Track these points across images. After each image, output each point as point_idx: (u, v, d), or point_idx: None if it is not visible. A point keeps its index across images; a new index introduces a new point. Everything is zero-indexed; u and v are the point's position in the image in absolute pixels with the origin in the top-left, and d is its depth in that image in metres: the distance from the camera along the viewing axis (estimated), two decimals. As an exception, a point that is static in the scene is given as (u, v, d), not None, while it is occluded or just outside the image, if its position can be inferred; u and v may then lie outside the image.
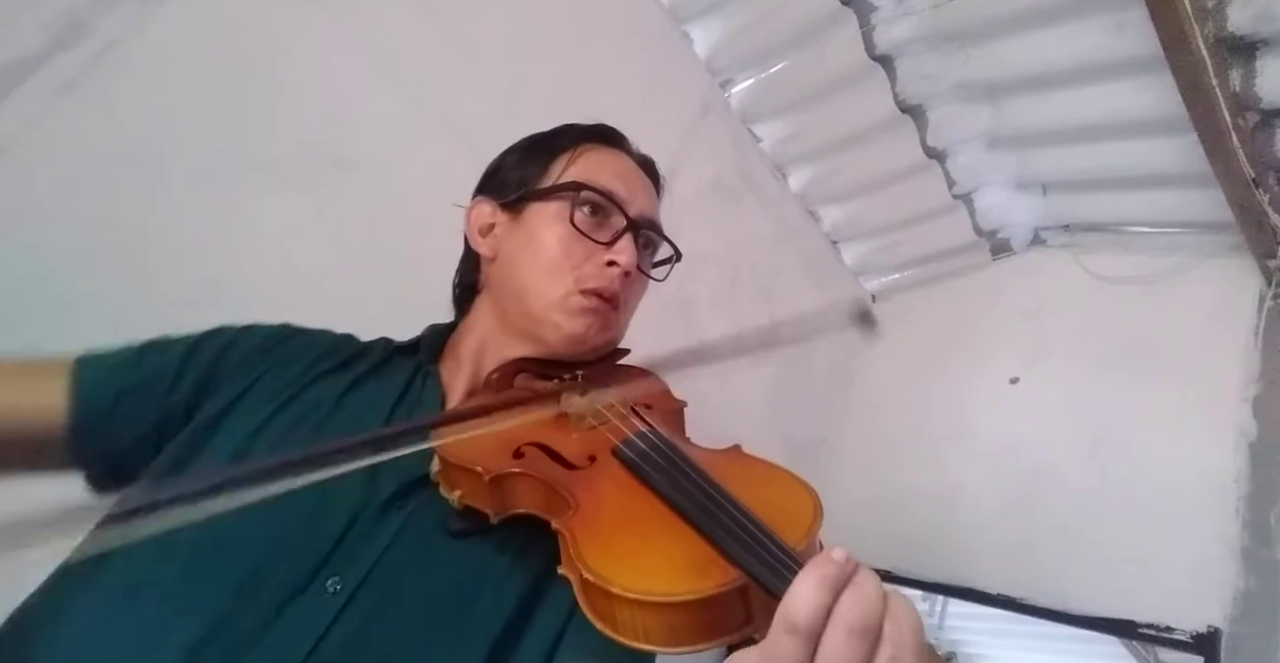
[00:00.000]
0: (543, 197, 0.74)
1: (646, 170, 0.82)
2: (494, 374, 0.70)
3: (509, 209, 0.76)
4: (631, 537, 0.49)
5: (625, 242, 0.72)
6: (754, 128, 2.29)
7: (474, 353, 0.74)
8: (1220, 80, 1.55)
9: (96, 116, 1.09)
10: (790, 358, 2.45)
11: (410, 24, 1.46)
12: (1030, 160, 2.23)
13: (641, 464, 0.55)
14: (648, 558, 0.47)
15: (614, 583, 0.43)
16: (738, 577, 0.43)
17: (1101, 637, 2.16)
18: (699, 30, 2.06)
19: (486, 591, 0.59)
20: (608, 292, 0.71)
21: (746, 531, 0.45)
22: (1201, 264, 2.13)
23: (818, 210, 2.53)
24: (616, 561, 0.45)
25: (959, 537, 2.14)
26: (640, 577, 0.44)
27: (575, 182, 0.73)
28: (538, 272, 0.71)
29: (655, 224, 0.79)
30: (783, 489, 0.54)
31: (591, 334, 0.71)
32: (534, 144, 0.81)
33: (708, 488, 0.50)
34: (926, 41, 1.94)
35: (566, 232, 0.71)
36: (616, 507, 0.52)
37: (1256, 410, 1.88)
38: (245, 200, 1.24)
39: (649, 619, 0.43)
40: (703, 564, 0.44)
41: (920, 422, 2.44)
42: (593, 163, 0.76)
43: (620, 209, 0.73)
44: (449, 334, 0.79)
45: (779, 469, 0.58)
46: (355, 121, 1.38)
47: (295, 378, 0.68)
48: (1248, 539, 1.74)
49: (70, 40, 1.07)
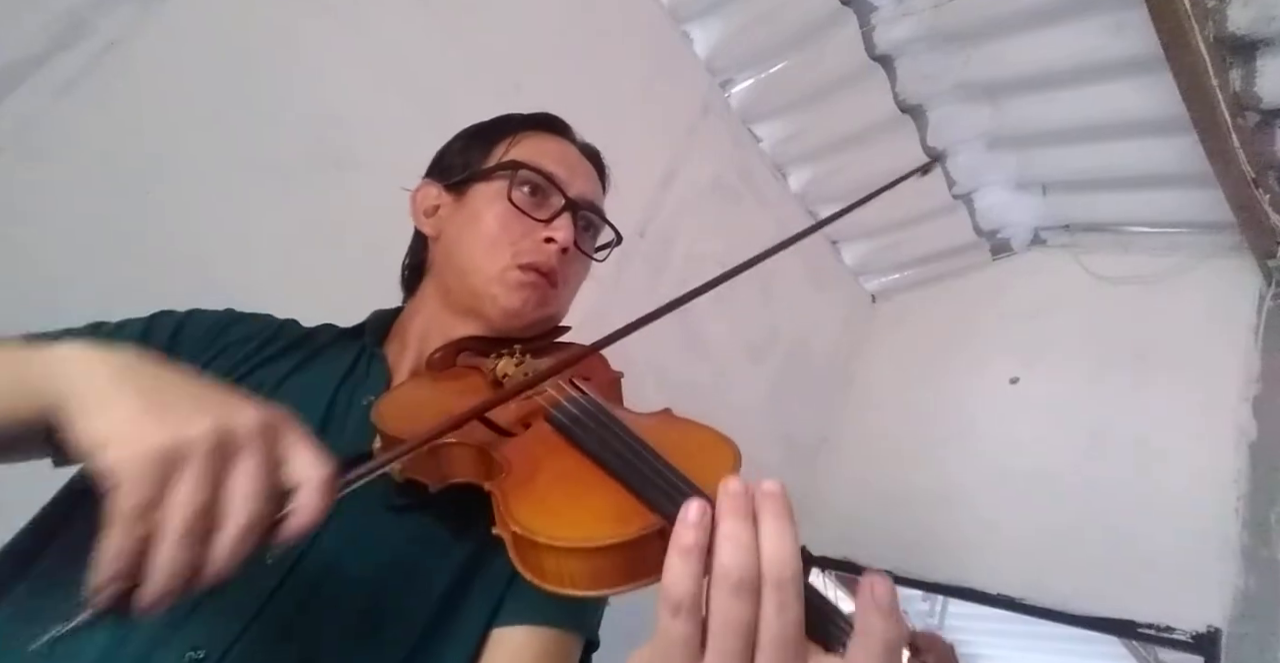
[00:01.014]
0: (484, 177, 0.77)
1: (591, 159, 0.84)
2: (436, 353, 0.72)
3: (453, 190, 0.79)
4: (560, 492, 0.51)
5: (563, 220, 0.75)
6: (754, 128, 2.29)
7: (419, 334, 0.76)
8: (1220, 80, 1.56)
9: (96, 116, 1.09)
10: (790, 357, 2.45)
11: (410, 24, 1.46)
12: (1030, 160, 2.23)
13: (572, 426, 0.57)
14: (574, 510, 0.49)
15: (540, 533, 0.45)
16: (657, 521, 0.44)
17: (1101, 637, 2.16)
18: (699, 30, 2.06)
19: (427, 562, 0.61)
20: (545, 267, 0.73)
21: (666, 479, 0.47)
22: (1201, 264, 2.13)
23: (818, 210, 2.53)
24: (545, 514, 0.47)
25: (959, 537, 2.14)
26: (566, 526, 0.46)
27: (514, 160, 0.76)
28: (477, 248, 0.74)
29: (596, 206, 0.81)
30: (705, 444, 0.56)
31: (529, 308, 0.73)
32: (478, 131, 0.83)
33: (632, 443, 0.52)
34: (926, 41, 1.94)
35: (505, 209, 0.74)
36: (547, 466, 0.54)
37: (1256, 410, 1.88)
38: (245, 200, 1.24)
39: (574, 565, 0.45)
40: (625, 513, 0.46)
41: (920, 422, 2.44)
42: (533, 146, 0.79)
43: (558, 189, 0.76)
44: (395, 318, 0.81)
45: (704, 427, 0.59)
46: (355, 121, 1.38)
47: (241, 362, 0.69)
48: (1248, 539, 1.74)
49: (70, 40, 1.07)
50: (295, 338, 0.75)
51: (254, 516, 0.39)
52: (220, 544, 0.38)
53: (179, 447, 0.38)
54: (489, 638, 0.60)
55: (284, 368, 0.70)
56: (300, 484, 0.41)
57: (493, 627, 0.60)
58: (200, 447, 0.39)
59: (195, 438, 0.39)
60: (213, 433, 0.39)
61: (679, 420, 0.64)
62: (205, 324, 0.72)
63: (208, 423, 0.39)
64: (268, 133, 1.26)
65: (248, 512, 0.39)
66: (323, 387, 0.69)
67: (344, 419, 0.67)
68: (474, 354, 0.73)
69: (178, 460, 0.38)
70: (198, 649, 0.52)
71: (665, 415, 0.66)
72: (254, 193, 1.25)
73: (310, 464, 0.42)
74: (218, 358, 0.69)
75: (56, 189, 1.07)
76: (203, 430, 0.39)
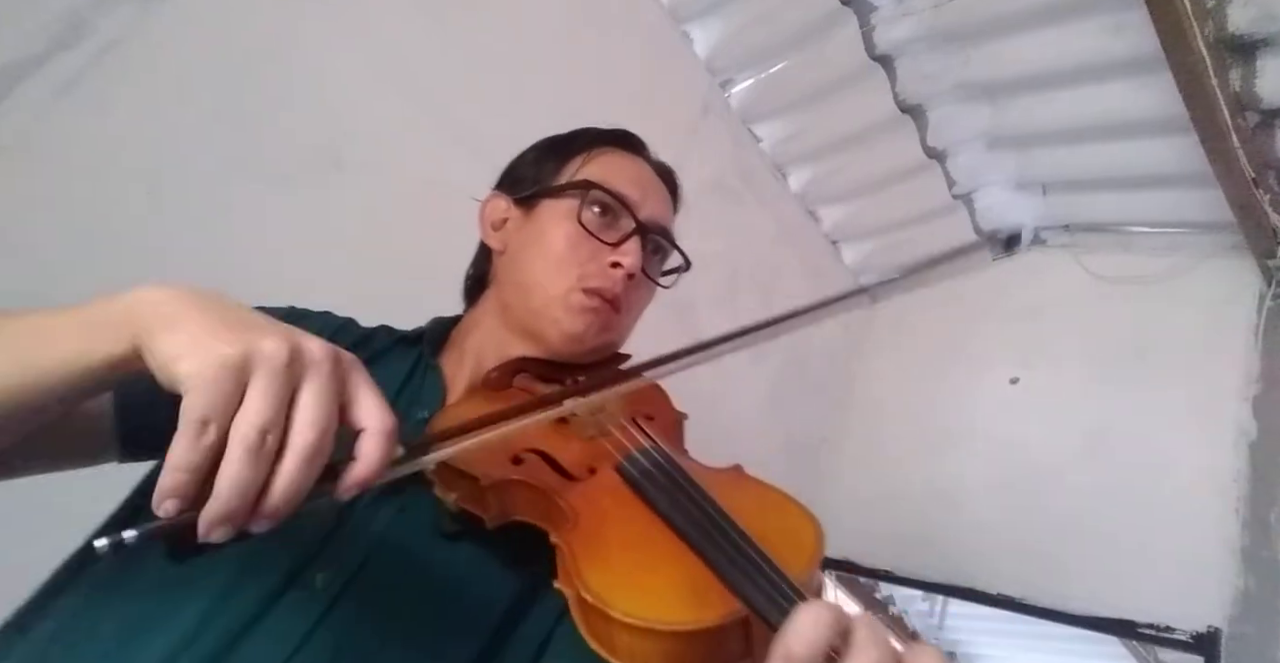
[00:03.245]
0: (555, 194, 0.74)
1: (664, 179, 0.82)
2: (493, 373, 0.70)
3: (522, 205, 0.77)
4: (632, 558, 0.48)
5: (631, 244, 0.72)
6: (754, 128, 2.28)
7: (476, 349, 0.74)
8: (1220, 80, 1.55)
9: (96, 116, 1.09)
10: (790, 358, 2.45)
11: (410, 24, 1.46)
12: (1030, 160, 2.23)
13: (644, 482, 0.54)
14: (649, 582, 0.46)
15: (614, 607, 0.42)
16: (740, 608, 0.42)
17: (1101, 637, 2.16)
18: (699, 30, 2.06)
19: (476, 595, 0.59)
20: (609, 292, 0.70)
21: (749, 559, 0.44)
22: (1201, 264, 2.13)
23: (818, 210, 2.53)
24: (617, 583, 0.44)
25: (959, 536, 2.14)
26: (641, 602, 0.43)
27: (586, 180, 0.73)
28: (542, 266, 0.71)
29: (666, 231, 0.79)
30: (785, 515, 0.53)
31: (591, 334, 0.71)
32: (552, 144, 0.81)
33: (711, 511, 0.49)
34: (926, 41, 1.94)
35: (574, 229, 0.71)
36: (617, 525, 0.51)
37: (1256, 410, 1.88)
38: (245, 200, 1.23)
39: (647, 646, 0.42)
40: (704, 592, 0.43)
41: (920, 421, 2.44)
42: (608, 165, 0.76)
43: (630, 212, 0.73)
44: (452, 327, 0.79)
45: (781, 494, 0.57)
46: (355, 121, 1.38)
47: None
48: (1248, 539, 1.75)
49: (70, 40, 1.07)
50: (356, 340, 0.73)
51: (319, 440, 0.38)
52: (284, 468, 0.37)
53: (250, 356, 0.38)
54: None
55: None
56: (365, 429, 0.40)
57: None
58: (270, 360, 0.38)
59: (266, 351, 0.38)
60: (284, 349, 0.39)
61: (752, 483, 0.61)
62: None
63: (279, 339, 0.39)
64: (268, 133, 1.26)
65: (314, 433, 0.38)
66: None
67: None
68: (531, 377, 0.70)
69: (248, 370, 0.38)
70: None
71: (737, 475, 0.62)
72: (254, 193, 1.25)
73: (377, 408, 0.41)
74: None
75: (56, 189, 1.06)
76: (274, 345, 0.39)
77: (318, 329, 0.71)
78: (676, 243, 0.80)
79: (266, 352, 0.38)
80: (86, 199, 1.08)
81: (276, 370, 0.38)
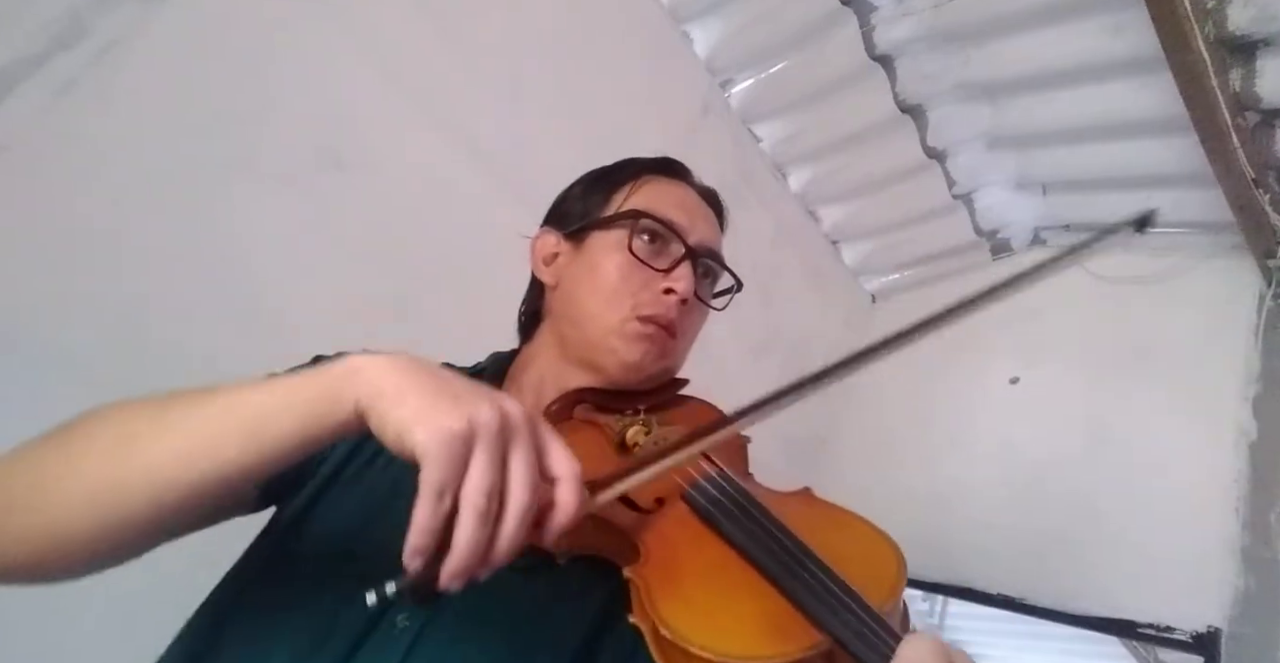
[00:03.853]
0: (604, 225, 0.76)
1: (710, 201, 0.83)
2: (553, 405, 0.70)
3: (572, 239, 0.78)
4: (708, 591, 0.47)
5: (683, 269, 0.73)
6: (754, 128, 2.28)
7: (535, 383, 0.75)
8: (1220, 80, 1.55)
9: (96, 116, 1.09)
10: (790, 357, 2.45)
11: (410, 24, 1.45)
12: (1030, 160, 2.23)
13: (714, 511, 0.53)
14: (727, 616, 0.45)
15: (693, 642, 0.42)
16: (822, 640, 0.42)
17: (1101, 637, 2.16)
18: (699, 30, 2.06)
19: (550, 629, 0.58)
20: (664, 319, 0.72)
21: (829, 590, 0.44)
22: (1201, 264, 2.13)
23: (818, 210, 2.53)
24: (694, 617, 0.44)
25: (959, 536, 2.14)
26: (720, 637, 0.42)
27: (634, 210, 0.74)
28: (596, 298, 0.73)
29: (716, 253, 0.80)
30: (863, 542, 0.53)
31: (648, 361, 0.72)
32: (598, 177, 0.82)
33: (785, 541, 0.49)
34: (926, 41, 1.94)
35: (625, 259, 0.73)
36: (690, 558, 0.50)
37: (1256, 410, 1.88)
38: (245, 200, 1.24)
39: None
40: (784, 625, 0.43)
41: (920, 421, 2.44)
42: (654, 193, 0.77)
43: (679, 237, 0.74)
44: (511, 362, 0.79)
45: (857, 518, 0.56)
46: (355, 121, 1.38)
47: None
48: (1248, 539, 1.74)
49: (70, 40, 1.07)
50: None
51: (531, 498, 0.43)
52: (506, 527, 0.42)
53: (473, 426, 0.42)
54: None
55: None
56: (558, 478, 0.45)
57: None
58: (489, 428, 0.43)
59: (485, 420, 0.43)
60: (496, 417, 0.43)
61: (825, 506, 0.60)
62: None
63: (491, 407, 0.43)
64: (268, 133, 1.26)
65: (528, 494, 0.43)
66: None
67: None
68: (591, 408, 0.71)
69: (472, 439, 0.42)
70: None
71: (807, 498, 0.62)
72: (254, 193, 1.25)
73: (565, 458, 0.45)
74: None
75: (56, 189, 1.06)
76: (489, 415, 0.43)
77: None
78: (727, 264, 0.81)
79: (483, 420, 0.43)
80: (86, 199, 1.08)
81: (493, 438, 0.43)
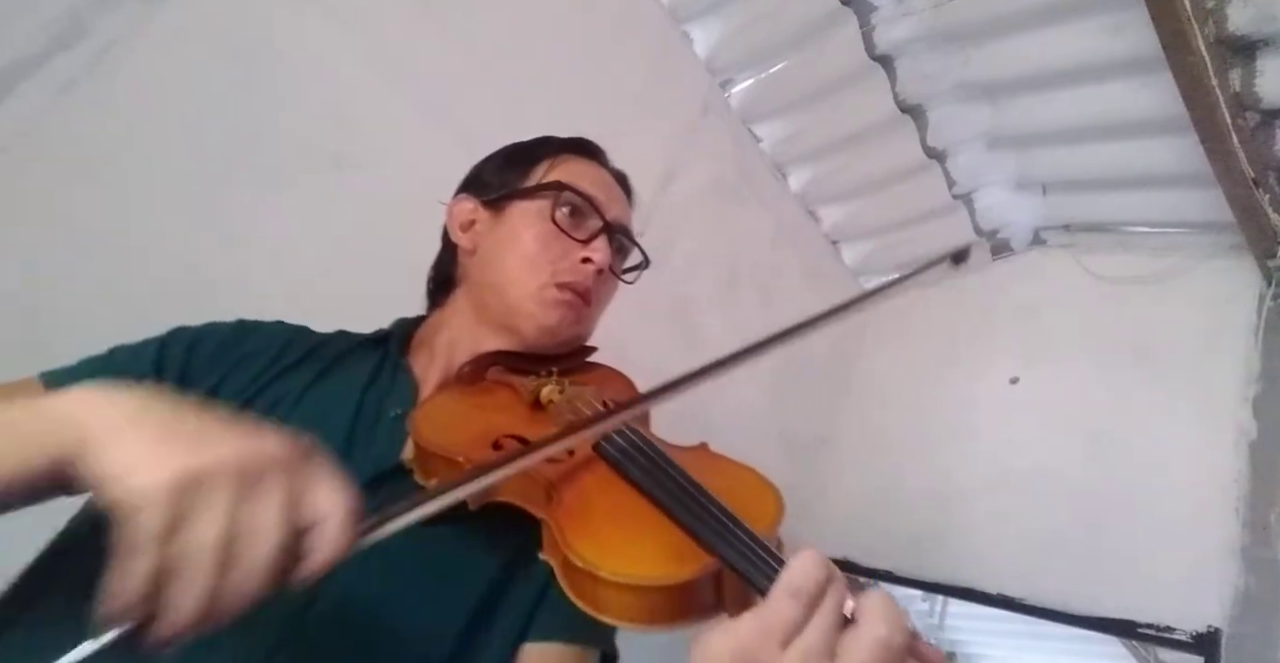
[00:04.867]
0: (526, 195, 0.79)
1: (621, 183, 0.87)
2: (466, 367, 0.73)
3: (491, 207, 0.80)
4: (614, 527, 0.53)
5: (601, 241, 0.77)
6: (754, 128, 2.29)
7: (447, 345, 0.77)
8: (1220, 80, 1.55)
9: (96, 116, 1.09)
10: (789, 357, 2.45)
11: (410, 24, 1.46)
12: (1030, 160, 2.23)
13: (623, 460, 0.58)
14: (632, 546, 0.51)
15: (602, 568, 0.47)
16: (713, 563, 0.47)
17: (1101, 637, 2.16)
18: (699, 30, 2.06)
19: (459, 576, 0.61)
20: (581, 286, 0.75)
21: (720, 522, 0.50)
22: (1201, 264, 2.13)
23: (818, 210, 2.53)
24: (603, 548, 0.49)
25: (959, 537, 2.14)
26: (626, 562, 0.48)
27: (558, 182, 0.78)
28: (516, 264, 0.75)
29: (628, 230, 0.84)
30: (749, 485, 0.59)
31: (564, 326, 0.75)
32: (517, 151, 0.85)
33: (683, 482, 0.54)
34: (926, 41, 1.94)
35: (546, 228, 0.76)
36: (599, 499, 0.55)
37: (1256, 410, 1.88)
38: (245, 200, 1.24)
39: (632, 601, 0.47)
40: (681, 552, 0.48)
41: (920, 421, 2.43)
42: (572, 170, 0.81)
43: (598, 212, 0.78)
44: (417, 327, 0.81)
45: (745, 467, 0.62)
46: (355, 121, 1.38)
47: (260, 373, 0.69)
48: (1248, 539, 1.74)
49: (70, 40, 1.07)
50: (311, 346, 0.74)
51: (275, 549, 0.38)
52: (238, 578, 0.37)
53: (200, 473, 0.38)
54: (517, 653, 0.60)
55: (304, 378, 0.70)
56: (323, 520, 0.40)
57: (522, 643, 0.60)
58: (221, 474, 0.38)
59: (216, 465, 0.38)
60: (234, 460, 0.39)
61: (718, 457, 0.66)
62: (219, 337, 0.72)
63: (229, 450, 0.39)
64: (267, 133, 1.26)
65: (269, 544, 0.38)
66: (346, 397, 0.69)
67: (371, 430, 0.68)
68: (504, 370, 0.74)
69: (198, 487, 0.37)
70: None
71: (704, 451, 0.68)
72: (253, 193, 1.25)
73: (334, 499, 0.41)
74: (234, 371, 0.69)
75: (56, 189, 1.06)
76: (224, 457, 0.38)
77: (267, 342, 0.72)
78: (637, 241, 0.86)
79: (216, 466, 0.38)
80: (86, 199, 1.08)
81: (228, 484, 0.38)
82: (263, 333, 0.75)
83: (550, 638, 0.61)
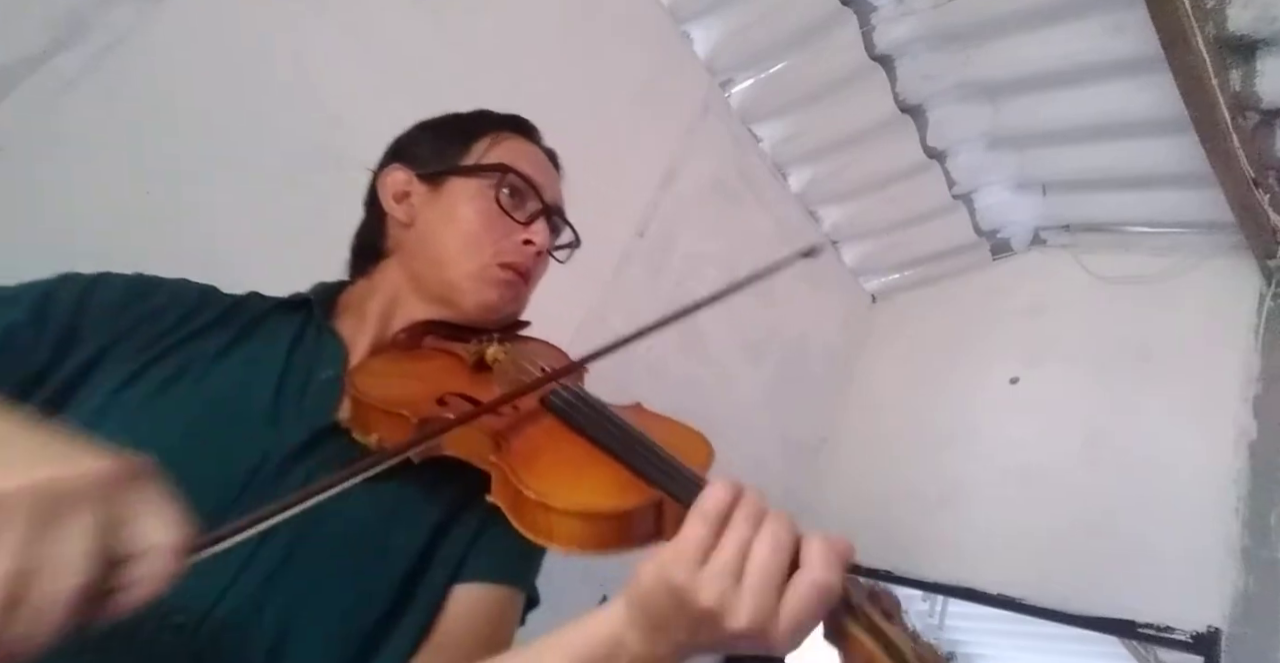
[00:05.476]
0: (468, 173, 0.79)
1: (553, 161, 0.89)
2: (401, 334, 0.75)
3: (428, 180, 0.80)
4: (565, 465, 0.58)
5: (541, 224, 0.80)
6: (754, 128, 2.29)
7: (380, 312, 0.77)
8: (1220, 80, 1.56)
9: (97, 116, 1.09)
10: (789, 357, 2.45)
11: (409, 24, 1.46)
12: (1030, 160, 2.23)
13: (568, 410, 0.64)
14: (582, 480, 0.57)
15: (555, 498, 0.52)
16: (655, 494, 0.53)
17: (1101, 637, 2.16)
18: (699, 30, 2.06)
19: (397, 529, 0.63)
20: (523, 267, 0.78)
21: (660, 458, 0.56)
22: (1201, 264, 2.13)
23: (818, 210, 2.53)
24: (555, 483, 0.54)
25: (959, 537, 2.14)
26: (576, 493, 0.53)
27: (503, 164, 0.79)
28: (458, 242, 0.77)
29: (563, 211, 0.86)
30: (681, 434, 0.66)
31: (504, 303, 0.78)
32: (452, 123, 0.85)
33: (627, 429, 0.60)
34: (926, 41, 1.94)
35: (489, 208, 0.77)
36: (548, 445, 0.60)
37: (1256, 410, 1.88)
38: (245, 200, 1.24)
39: (582, 528, 0.52)
40: (625, 486, 0.54)
41: (920, 422, 2.43)
42: (512, 150, 0.82)
43: (538, 194, 0.80)
44: (340, 292, 0.81)
45: (676, 421, 0.69)
46: (355, 121, 1.38)
47: (164, 332, 0.66)
48: (1248, 539, 1.74)
49: (71, 39, 1.07)
50: (223, 308, 0.72)
51: (76, 585, 0.34)
52: (29, 617, 0.33)
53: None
54: (447, 594, 0.63)
55: (220, 340, 0.68)
56: (147, 550, 0.37)
57: (453, 584, 0.64)
58: (13, 503, 0.34)
59: (7, 494, 0.34)
60: (31, 489, 0.34)
61: (654, 415, 0.72)
62: (117, 290, 0.68)
63: (26, 477, 0.34)
64: (268, 133, 1.26)
65: (71, 580, 0.34)
66: (271, 359, 0.68)
67: (300, 393, 0.67)
68: (439, 338, 0.76)
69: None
70: (178, 613, 0.53)
71: (641, 408, 0.73)
72: (254, 193, 1.25)
73: (162, 526, 0.37)
74: (134, 329, 0.65)
75: (57, 188, 1.07)
76: (17, 485, 0.34)
77: (171, 299, 0.69)
78: (569, 222, 0.88)
79: (8, 495, 0.34)
80: (86, 199, 1.08)
81: (21, 515, 0.34)
82: (167, 290, 0.71)
83: (478, 579, 0.64)
